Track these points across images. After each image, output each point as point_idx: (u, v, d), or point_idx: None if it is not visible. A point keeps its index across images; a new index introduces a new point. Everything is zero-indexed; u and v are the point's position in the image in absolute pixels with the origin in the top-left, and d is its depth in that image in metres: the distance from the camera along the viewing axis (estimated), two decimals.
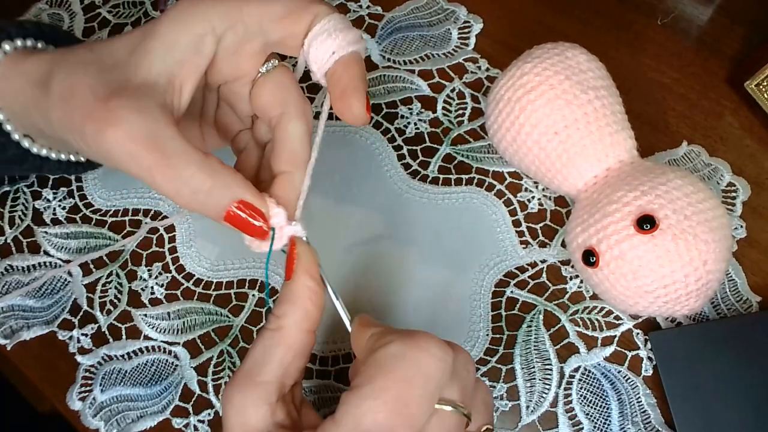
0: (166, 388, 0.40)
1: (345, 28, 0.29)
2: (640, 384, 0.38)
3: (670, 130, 0.44)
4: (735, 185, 0.42)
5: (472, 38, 0.48)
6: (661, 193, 0.34)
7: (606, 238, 0.34)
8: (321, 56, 0.29)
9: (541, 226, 0.42)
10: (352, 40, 0.29)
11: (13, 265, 0.43)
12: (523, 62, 0.38)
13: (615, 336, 0.39)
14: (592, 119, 0.36)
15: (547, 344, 0.39)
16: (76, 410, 0.39)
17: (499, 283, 0.41)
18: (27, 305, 0.42)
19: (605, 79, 0.38)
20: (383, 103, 0.46)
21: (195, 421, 0.39)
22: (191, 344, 0.41)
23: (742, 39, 0.47)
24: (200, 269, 0.42)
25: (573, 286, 0.41)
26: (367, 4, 0.49)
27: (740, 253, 0.41)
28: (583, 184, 0.37)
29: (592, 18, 0.48)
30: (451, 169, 0.44)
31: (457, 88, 0.46)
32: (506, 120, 0.38)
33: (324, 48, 0.29)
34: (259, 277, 0.42)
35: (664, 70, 0.46)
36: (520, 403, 0.38)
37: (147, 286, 0.42)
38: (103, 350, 0.41)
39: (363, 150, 0.45)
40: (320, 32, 0.29)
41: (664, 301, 0.34)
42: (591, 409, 0.38)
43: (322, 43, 0.29)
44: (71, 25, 0.50)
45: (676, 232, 0.33)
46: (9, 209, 0.45)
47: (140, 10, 0.51)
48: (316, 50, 0.29)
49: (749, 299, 0.40)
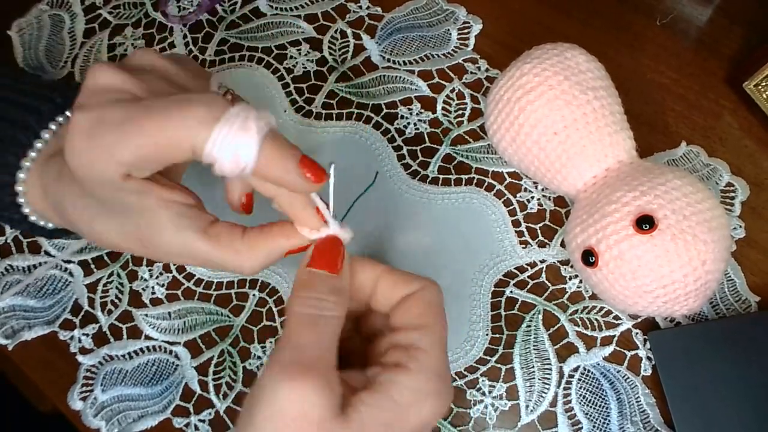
0: (167, 388, 0.40)
1: (242, 128, 0.25)
2: (639, 384, 0.38)
3: (669, 130, 0.45)
4: (734, 185, 0.42)
5: (472, 39, 0.48)
6: (660, 193, 0.34)
7: (605, 238, 0.34)
8: (241, 161, 0.25)
9: (540, 227, 0.42)
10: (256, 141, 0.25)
11: (14, 265, 0.43)
12: (522, 63, 0.38)
13: (614, 336, 0.40)
14: (591, 120, 0.36)
15: (546, 344, 0.39)
16: (78, 410, 0.40)
17: (498, 283, 0.41)
18: (28, 305, 0.42)
19: (604, 80, 0.38)
20: (383, 104, 0.46)
21: (196, 421, 0.39)
22: (192, 344, 0.41)
23: (740, 39, 0.47)
24: (201, 269, 0.42)
25: (572, 286, 0.41)
26: (366, 5, 0.50)
27: (739, 253, 0.41)
28: (583, 184, 0.37)
29: (592, 19, 0.48)
30: (451, 170, 0.44)
31: (456, 88, 0.46)
32: (506, 120, 0.38)
33: (234, 166, 0.25)
34: (260, 277, 0.42)
35: (663, 70, 0.46)
36: (519, 403, 0.38)
37: (148, 286, 0.42)
38: (104, 350, 0.41)
39: (363, 150, 0.45)
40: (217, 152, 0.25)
41: (663, 301, 0.34)
42: (590, 408, 0.38)
43: (225, 161, 0.25)
44: (72, 27, 0.50)
45: (675, 232, 0.33)
46: None
47: (141, 11, 0.51)
48: (222, 169, 0.26)
49: (748, 299, 0.40)
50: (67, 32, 0.50)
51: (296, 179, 0.26)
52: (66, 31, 0.50)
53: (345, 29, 0.49)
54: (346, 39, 0.49)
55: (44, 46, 0.50)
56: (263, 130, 0.26)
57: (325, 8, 0.50)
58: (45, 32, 0.50)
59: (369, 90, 0.47)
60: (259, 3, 0.50)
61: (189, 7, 0.50)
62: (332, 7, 0.50)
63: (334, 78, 0.47)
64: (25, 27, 0.51)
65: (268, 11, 0.50)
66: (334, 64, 0.48)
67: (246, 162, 0.25)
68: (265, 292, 0.42)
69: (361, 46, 0.48)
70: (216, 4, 0.50)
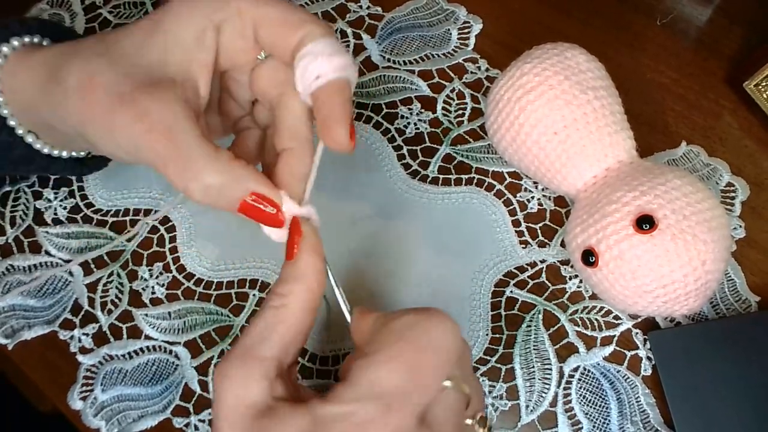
0: (167, 388, 0.40)
1: (334, 53, 0.28)
2: (639, 383, 0.38)
3: (669, 130, 0.45)
4: (734, 185, 0.42)
5: (472, 38, 0.48)
6: (660, 193, 0.34)
7: (605, 238, 0.34)
8: (307, 78, 0.28)
9: (540, 226, 0.42)
10: (339, 66, 0.28)
11: (15, 265, 0.43)
12: (522, 62, 0.38)
13: (614, 336, 0.40)
14: (591, 119, 0.36)
15: (546, 344, 0.40)
16: (77, 410, 0.39)
17: (498, 283, 0.41)
18: (28, 305, 0.42)
19: (604, 80, 0.38)
20: (383, 103, 0.46)
21: (196, 421, 0.39)
22: (192, 344, 0.41)
23: (740, 39, 0.47)
24: (201, 269, 0.43)
25: (572, 285, 0.41)
26: (367, 5, 0.50)
27: (739, 253, 0.41)
28: (583, 184, 0.37)
29: (592, 18, 0.48)
30: (451, 169, 0.44)
31: (456, 88, 0.46)
32: (506, 120, 0.38)
33: (310, 71, 0.28)
34: (260, 277, 0.42)
35: (663, 70, 0.46)
36: (519, 403, 0.38)
37: (148, 286, 0.42)
38: (104, 350, 0.41)
39: (363, 150, 0.45)
40: (308, 53, 0.28)
41: (663, 300, 0.34)
42: (590, 408, 0.38)
43: (308, 65, 0.28)
44: (72, 26, 0.50)
45: (675, 232, 0.33)
46: (10, 209, 0.45)
47: (141, 10, 0.51)
48: (302, 71, 0.28)
49: (748, 299, 0.40)
50: None
51: (341, 131, 0.27)
52: None
53: (345, 29, 0.49)
54: (347, 39, 0.48)
55: None
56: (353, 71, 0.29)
57: (325, 8, 0.50)
58: None
59: (369, 90, 0.47)
60: None
61: None
62: (332, 7, 0.50)
63: None
64: None
65: None
66: None
67: (323, 76, 0.28)
68: (265, 292, 0.42)
69: (362, 46, 0.48)
70: None
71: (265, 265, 0.42)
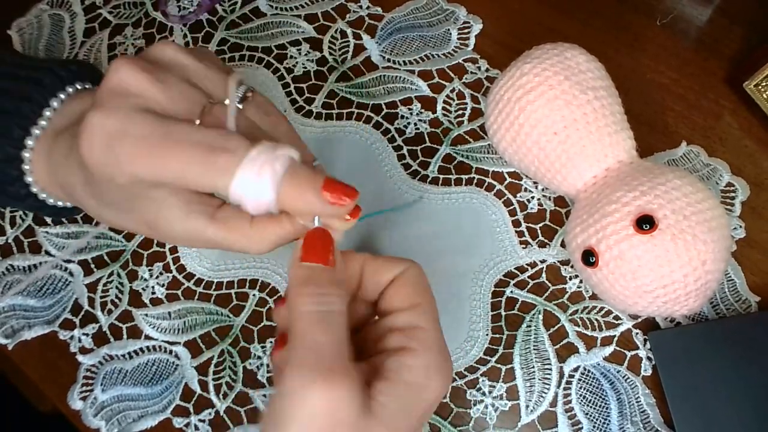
0: (166, 388, 0.40)
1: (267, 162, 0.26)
2: (639, 384, 0.38)
3: (669, 130, 0.45)
4: (734, 185, 0.42)
5: (472, 39, 0.48)
6: (660, 193, 0.34)
7: (605, 238, 0.34)
8: (262, 202, 0.27)
9: (540, 227, 0.42)
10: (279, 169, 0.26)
11: (15, 265, 0.43)
12: (522, 63, 0.38)
13: (614, 336, 0.40)
14: (591, 119, 0.36)
15: (546, 344, 0.40)
16: (77, 410, 0.40)
17: (498, 283, 0.41)
18: (28, 305, 0.42)
19: (604, 80, 0.38)
20: (383, 103, 0.46)
21: (196, 421, 0.39)
22: (192, 344, 0.41)
23: (740, 39, 0.47)
24: (201, 269, 0.43)
25: (572, 286, 0.41)
26: (367, 5, 0.50)
27: (739, 253, 0.41)
28: (583, 184, 0.37)
29: (592, 19, 0.48)
30: (451, 170, 0.44)
31: (456, 88, 0.46)
32: (506, 120, 0.38)
33: (258, 197, 0.26)
34: (260, 277, 0.42)
35: (663, 70, 0.46)
36: (519, 403, 0.38)
37: (148, 286, 0.42)
38: (104, 350, 0.41)
39: (363, 150, 0.45)
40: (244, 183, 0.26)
41: (664, 301, 0.34)
42: (590, 408, 0.38)
43: (254, 191, 0.26)
44: (72, 26, 0.50)
45: (675, 232, 0.33)
46: (10, 209, 0.45)
47: (141, 10, 0.51)
48: (251, 199, 0.27)
49: (748, 299, 0.40)
50: (67, 32, 0.50)
51: (322, 208, 0.27)
52: (66, 31, 0.50)
53: (345, 29, 0.49)
54: (346, 39, 0.49)
55: (44, 45, 0.50)
56: (278, 174, 0.26)
57: (325, 8, 0.50)
58: (45, 32, 0.50)
59: (369, 90, 0.47)
60: (259, 3, 0.50)
61: (189, 6, 0.50)
62: (332, 7, 0.50)
63: (334, 78, 0.47)
64: (25, 26, 0.51)
65: (268, 11, 0.50)
66: (334, 64, 0.48)
67: (267, 203, 0.26)
68: (265, 292, 0.42)
69: (361, 46, 0.48)
70: (216, 4, 0.50)
71: (265, 265, 0.42)
